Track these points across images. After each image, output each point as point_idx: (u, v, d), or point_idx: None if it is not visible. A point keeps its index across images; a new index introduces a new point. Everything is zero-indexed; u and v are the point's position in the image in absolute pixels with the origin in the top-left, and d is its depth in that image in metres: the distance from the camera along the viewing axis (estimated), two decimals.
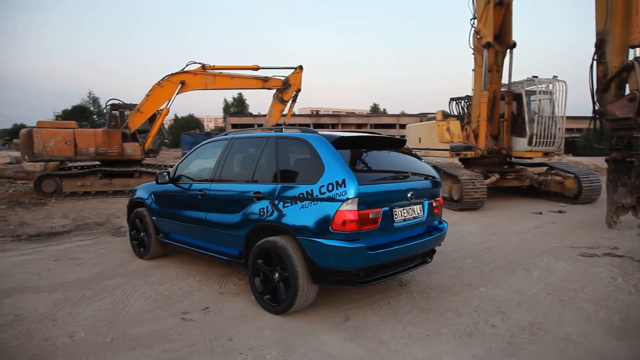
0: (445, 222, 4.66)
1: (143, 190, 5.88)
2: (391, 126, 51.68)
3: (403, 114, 55.18)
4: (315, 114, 72.65)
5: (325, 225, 3.54)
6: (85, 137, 12.12)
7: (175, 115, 60.15)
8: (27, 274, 5.06)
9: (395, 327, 3.69)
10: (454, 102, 13.15)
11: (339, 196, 3.49)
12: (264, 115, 15.39)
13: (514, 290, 4.62)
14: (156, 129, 13.27)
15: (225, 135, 5.04)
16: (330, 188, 3.56)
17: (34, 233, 7.39)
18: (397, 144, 4.52)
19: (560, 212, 9.64)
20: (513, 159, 12.24)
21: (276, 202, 3.92)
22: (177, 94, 13.02)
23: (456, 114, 13.06)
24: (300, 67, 14.59)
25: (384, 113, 74.27)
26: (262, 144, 4.34)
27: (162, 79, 12.84)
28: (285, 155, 4.11)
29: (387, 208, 3.74)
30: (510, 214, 9.39)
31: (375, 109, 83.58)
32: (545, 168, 12.00)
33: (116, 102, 13.76)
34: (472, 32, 11.56)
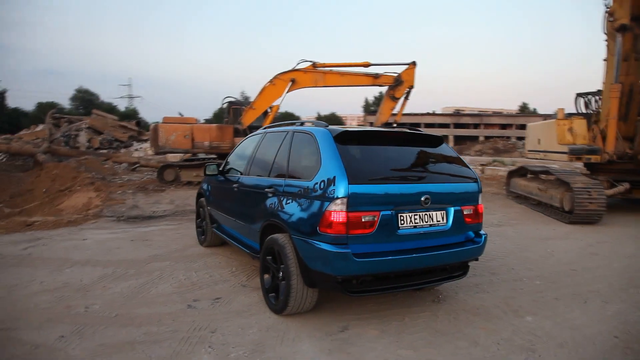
0: (484, 234, 3.98)
1: (205, 181, 6.27)
2: None
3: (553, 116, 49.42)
4: (456, 113, 69.76)
5: (314, 226, 3.31)
6: (201, 131, 13.46)
7: (318, 113, 62.67)
8: (101, 249, 5.81)
9: (389, 347, 3.28)
10: (581, 98, 11.24)
11: (329, 195, 3.23)
12: (404, 115, 15.07)
13: (569, 325, 3.74)
14: (268, 124, 14.09)
15: (264, 128, 5.08)
16: (322, 186, 3.32)
17: (134, 215, 8.47)
18: (431, 142, 4.01)
19: None
20: None
21: (282, 198, 3.81)
22: (287, 92, 13.62)
23: (583, 112, 11.16)
24: (414, 63, 14.05)
25: (534, 113, 67.87)
26: (282, 138, 4.26)
27: (273, 77, 13.52)
28: (296, 149, 3.97)
29: (389, 212, 3.33)
30: (631, 233, 7.67)
31: (524, 109, 76.99)
32: None
33: (232, 99, 15.00)
34: (605, 14, 9.74)
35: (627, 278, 5.10)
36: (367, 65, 13.81)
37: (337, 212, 3.17)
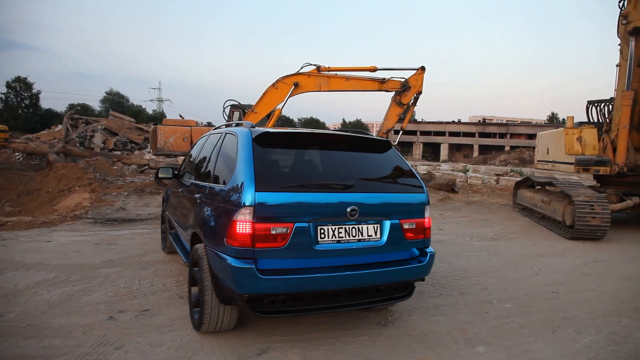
0: (431, 251, 3.56)
1: (169, 185, 6.05)
2: None
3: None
4: (482, 122, 68.10)
5: (222, 236, 3.00)
6: (200, 134, 13.33)
7: (344, 119, 62.23)
8: (58, 252, 5.66)
9: None
10: (593, 107, 10.52)
11: (236, 203, 2.92)
12: (427, 123, 14.69)
13: (528, 358, 3.29)
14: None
15: (215, 129, 4.82)
16: (232, 192, 3.01)
17: (114, 218, 8.35)
18: (376, 146, 3.64)
19: None
20: None
21: (203, 204, 3.52)
22: (290, 95, 13.39)
23: (595, 121, 10.45)
24: (422, 68, 13.59)
25: (563, 123, 65.91)
26: (217, 139, 3.98)
27: (276, 80, 13.31)
28: (223, 152, 3.68)
29: (304, 224, 2.98)
30: (636, 252, 7.00)
31: (553, 119, 74.81)
32: None
33: (233, 102, 14.86)
34: (620, 17, 9.08)
35: (614, 303, 4.55)
36: (374, 69, 13.45)
37: (243, 221, 2.85)
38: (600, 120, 10.21)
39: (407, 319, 3.99)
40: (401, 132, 14.37)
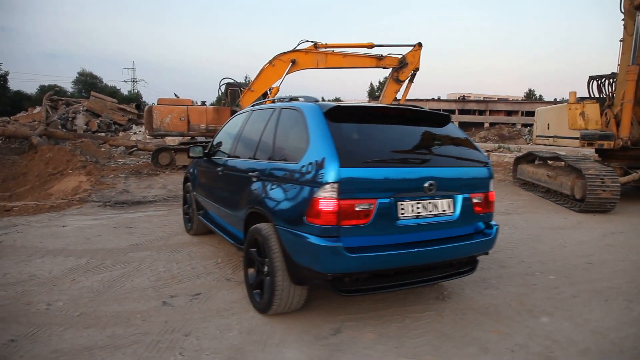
0: (496, 225, 3.53)
1: (192, 164, 5.82)
2: None
3: (561, 101, 48.60)
4: (462, 99, 68.67)
5: (301, 215, 2.87)
6: (198, 114, 12.96)
7: (322, 98, 61.76)
8: (79, 237, 5.41)
9: (387, 354, 2.87)
10: (595, 82, 10.64)
11: (317, 180, 2.78)
12: (408, 100, 14.53)
13: (591, 327, 3.32)
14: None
15: (252, 106, 4.62)
16: (310, 169, 2.87)
17: (122, 200, 8.05)
18: (436, 120, 3.54)
19: None
20: None
21: (266, 182, 3.37)
22: (287, 73, 13.07)
23: (597, 96, 10.59)
24: (419, 45, 13.46)
25: (540, 99, 67.12)
26: (269, 116, 3.80)
27: (273, 58, 12.95)
28: (282, 128, 3.51)
29: (387, 200, 2.88)
30: None
31: (530, 95, 76.14)
32: None
33: (229, 81, 14.43)
34: None
35: None
36: (370, 46, 13.30)
37: (327, 199, 2.73)
38: (602, 95, 10.36)
39: (461, 292, 3.98)
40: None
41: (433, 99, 65.14)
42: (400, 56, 13.43)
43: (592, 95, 10.67)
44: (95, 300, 3.56)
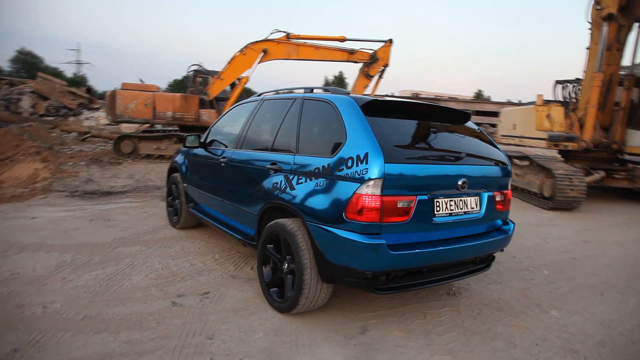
0: (512, 223, 3.59)
1: (180, 154, 5.51)
2: (495, 114, 48.37)
3: (509, 102, 50.86)
4: (414, 97, 70.29)
5: (339, 211, 2.75)
6: (164, 101, 12.31)
7: (277, 92, 60.91)
8: (55, 231, 4.96)
9: (421, 351, 2.83)
10: (560, 86, 11.21)
11: (359, 175, 2.68)
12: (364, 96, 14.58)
13: (598, 321, 3.46)
14: (235, 96, 12.94)
15: (259, 95, 4.40)
16: (349, 164, 2.75)
17: (90, 190, 7.51)
18: (458, 118, 3.53)
19: None
20: (626, 156, 10.13)
21: (290, 176, 3.21)
22: (258, 63, 12.72)
23: (561, 99, 11.16)
24: (390, 41, 13.55)
25: (488, 100, 70.06)
26: (288, 106, 3.62)
27: (244, 47, 12.55)
28: (308, 120, 3.36)
29: (425, 197, 2.84)
30: (612, 220, 7.69)
31: (479, 95, 79.28)
32: None
33: (198, 68, 13.84)
34: (592, 2, 9.60)
35: (628, 267, 4.96)
36: (342, 39, 13.26)
37: (370, 195, 2.63)
38: (566, 99, 10.93)
39: (468, 288, 4.03)
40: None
41: (387, 95, 66.23)
42: (371, 51, 13.51)
43: (557, 99, 11.24)
44: (96, 301, 3.26)
